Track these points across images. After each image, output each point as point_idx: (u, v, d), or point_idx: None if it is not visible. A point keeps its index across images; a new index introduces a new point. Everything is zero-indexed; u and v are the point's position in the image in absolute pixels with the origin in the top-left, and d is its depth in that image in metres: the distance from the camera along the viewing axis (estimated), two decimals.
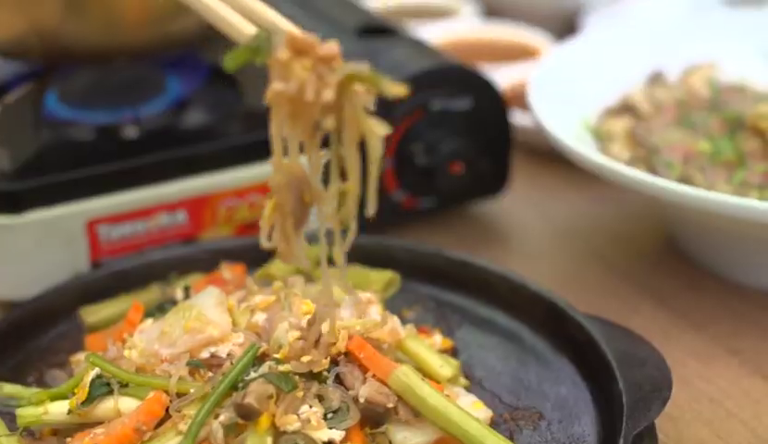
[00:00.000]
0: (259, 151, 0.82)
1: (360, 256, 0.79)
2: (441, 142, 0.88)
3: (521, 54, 1.18)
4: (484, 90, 0.90)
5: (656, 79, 0.97)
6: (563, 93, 0.92)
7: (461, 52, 1.17)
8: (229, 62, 0.54)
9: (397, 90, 0.52)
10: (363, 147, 0.55)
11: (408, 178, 0.89)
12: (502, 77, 1.08)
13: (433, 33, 1.19)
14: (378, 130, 0.53)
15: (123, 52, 0.84)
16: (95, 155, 0.84)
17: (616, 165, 0.78)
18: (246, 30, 0.56)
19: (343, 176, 0.56)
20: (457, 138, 0.89)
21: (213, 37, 0.89)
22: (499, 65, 1.12)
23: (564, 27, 1.30)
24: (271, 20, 0.57)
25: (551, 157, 0.93)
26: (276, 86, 0.51)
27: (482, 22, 1.29)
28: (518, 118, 1.01)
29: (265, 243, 0.59)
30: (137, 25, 0.82)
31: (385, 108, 0.85)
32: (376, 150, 0.53)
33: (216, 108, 0.90)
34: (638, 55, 0.99)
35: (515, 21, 1.29)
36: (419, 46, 0.94)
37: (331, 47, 0.51)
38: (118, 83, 0.91)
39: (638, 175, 0.77)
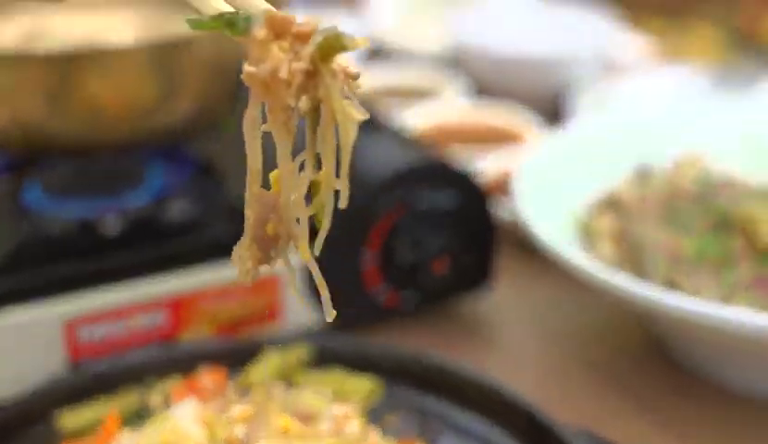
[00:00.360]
0: None
1: (340, 360, 0.80)
2: (425, 239, 0.89)
3: (507, 137, 1.19)
4: (468, 186, 0.91)
5: (643, 172, 0.99)
6: (548, 188, 0.93)
7: (445, 135, 1.18)
8: (195, 24, 0.51)
9: (361, 43, 0.49)
10: None
11: (391, 275, 0.90)
12: (487, 164, 1.09)
13: (417, 115, 1.21)
14: (354, 114, 0.49)
15: (106, 145, 0.85)
16: (74, 251, 0.84)
17: (597, 270, 0.79)
18: (221, 7, 0.53)
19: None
20: (441, 234, 0.90)
21: (197, 130, 0.91)
22: (484, 148, 1.14)
23: (551, 106, 1.32)
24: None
25: (538, 250, 0.94)
26: (248, 68, 0.49)
27: (468, 101, 1.30)
28: (504, 209, 1.02)
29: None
30: (120, 119, 0.83)
31: (370, 205, 0.87)
32: (348, 134, 0.49)
33: (199, 202, 0.91)
34: (626, 145, 1.01)
35: (502, 99, 1.31)
36: (404, 140, 0.95)
37: (309, 23, 0.49)
38: (100, 175, 0.92)
39: (620, 282, 0.78)
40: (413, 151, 0.93)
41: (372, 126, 0.97)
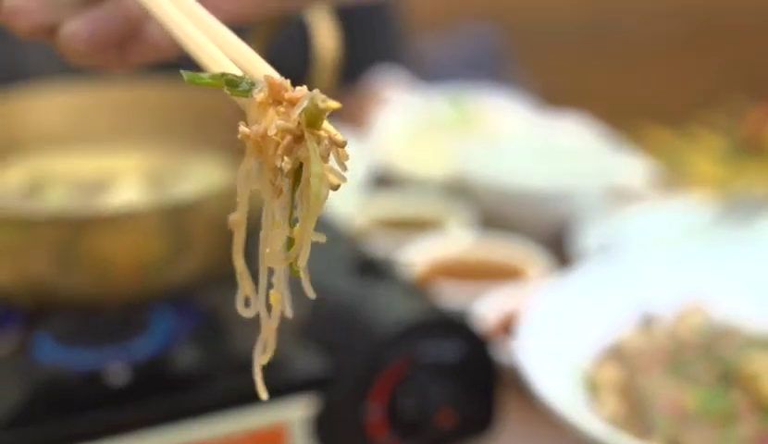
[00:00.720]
0: (248, 398, 0.88)
1: None
2: (430, 390, 0.93)
3: (511, 273, 1.23)
4: (471, 337, 0.94)
5: (647, 321, 1.02)
6: (551, 338, 0.96)
7: (448, 271, 1.22)
8: (192, 77, 0.55)
9: (333, 105, 0.53)
10: None
11: (396, 426, 0.93)
12: (490, 305, 1.12)
13: (421, 249, 1.24)
14: (330, 178, 0.52)
15: (115, 301, 0.89)
16: (82, 402, 0.87)
17: (598, 431, 0.82)
18: (228, 67, 0.57)
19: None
20: (445, 385, 0.93)
21: (204, 283, 0.94)
22: (487, 285, 1.17)
23: (556, 238, 1.35)
24: (252, 60, 0.58)
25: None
26: (243, 128, 0.53)
27: (472, 233, 1.34)
28: (507, 353, 1.05)
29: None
30: (129, 276, 0.86)
31: (375, 358, 0.90)
32: (320, 196, 0.52)
33: (205, 353, 0.94)
34: (630, 290, 1.04)
35: (507, 230, 1.34)
36: (407, 290, 0.99)
37: (300, 89, 0.53)
38: (108, 324, 0.95)
39: None
40: (417, 302, 0.96)
41: (376, 274, 1.01)
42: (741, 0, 2.94)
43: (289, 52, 1.09)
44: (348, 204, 1.35)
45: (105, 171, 1.06)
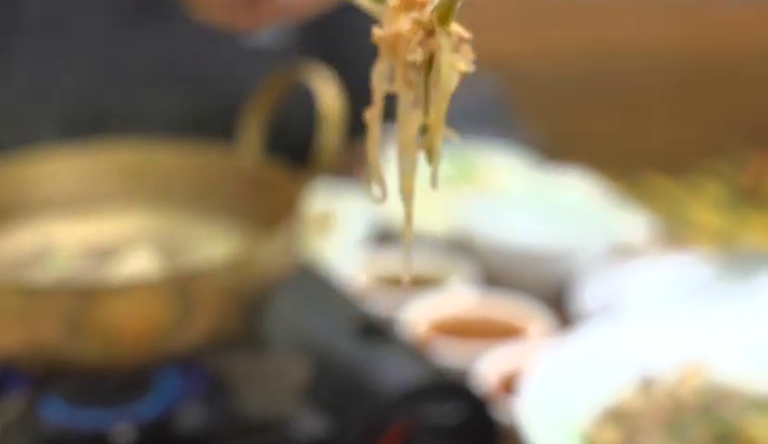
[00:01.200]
0: None
1: None
2: None
3: (512, 331, 1.25)
4: (473, 400, 0.97)
5: (647, 384, 1.04)
6: (552, 399, 0.99)
7: (449, 329, 1.24)
8: None
9: None
10: None
11: None
12: (491, 364, 1.14)
13: (423, 307, 1.26)
14: (459, 65, 0.57)
15: (122, 366, 0.92)
16: None
17: None
18: None
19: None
20: None
21: (211, 349, 0.97)
22: (489, 344, 1.19)
23: (557, 296, 1.38)
24: None
25: None
26: (378, 31, 0.58)
27: (474, 290, 1.36)
28: (508, 413, 1.07)
29: None
30: (137, 343, 0.89)
31: (378, 420, 0.93)
32: (447, 82, 0.57)
33: (212, 415, 0.96)
34: (630, 352, 1.07)
35: (509, 287, 1.37)
36: (411, 354, 1.01)
37: None
38: (113, 386, 0.98)
39: None
40: (419, 365, 0.99)
41: (378, 335, 1.03)
42: (741, 49, 2.97)
43: (295, 115, 1.13)
44: (349, 262, 1.38)
45: (113, 236, 1.09)
